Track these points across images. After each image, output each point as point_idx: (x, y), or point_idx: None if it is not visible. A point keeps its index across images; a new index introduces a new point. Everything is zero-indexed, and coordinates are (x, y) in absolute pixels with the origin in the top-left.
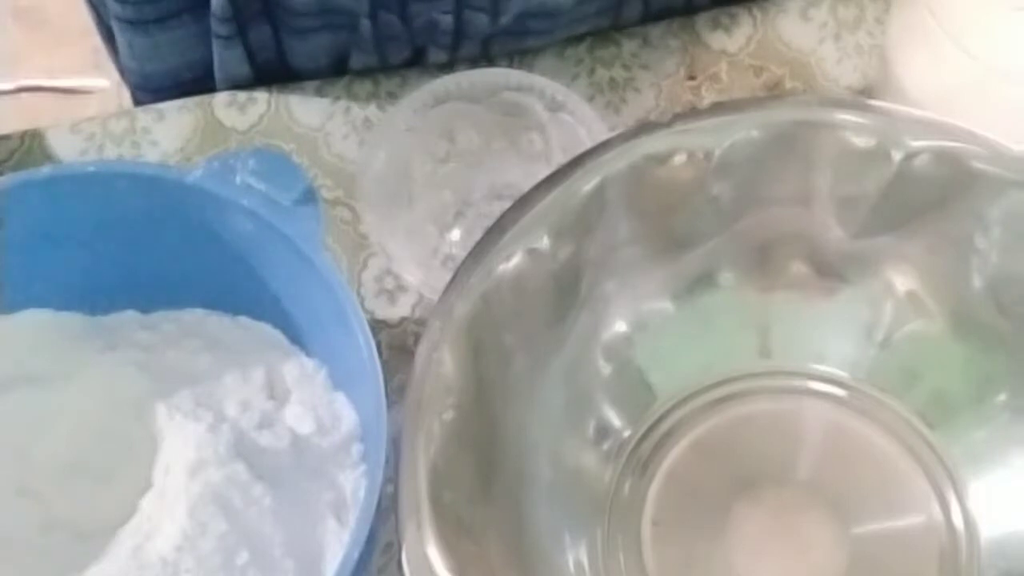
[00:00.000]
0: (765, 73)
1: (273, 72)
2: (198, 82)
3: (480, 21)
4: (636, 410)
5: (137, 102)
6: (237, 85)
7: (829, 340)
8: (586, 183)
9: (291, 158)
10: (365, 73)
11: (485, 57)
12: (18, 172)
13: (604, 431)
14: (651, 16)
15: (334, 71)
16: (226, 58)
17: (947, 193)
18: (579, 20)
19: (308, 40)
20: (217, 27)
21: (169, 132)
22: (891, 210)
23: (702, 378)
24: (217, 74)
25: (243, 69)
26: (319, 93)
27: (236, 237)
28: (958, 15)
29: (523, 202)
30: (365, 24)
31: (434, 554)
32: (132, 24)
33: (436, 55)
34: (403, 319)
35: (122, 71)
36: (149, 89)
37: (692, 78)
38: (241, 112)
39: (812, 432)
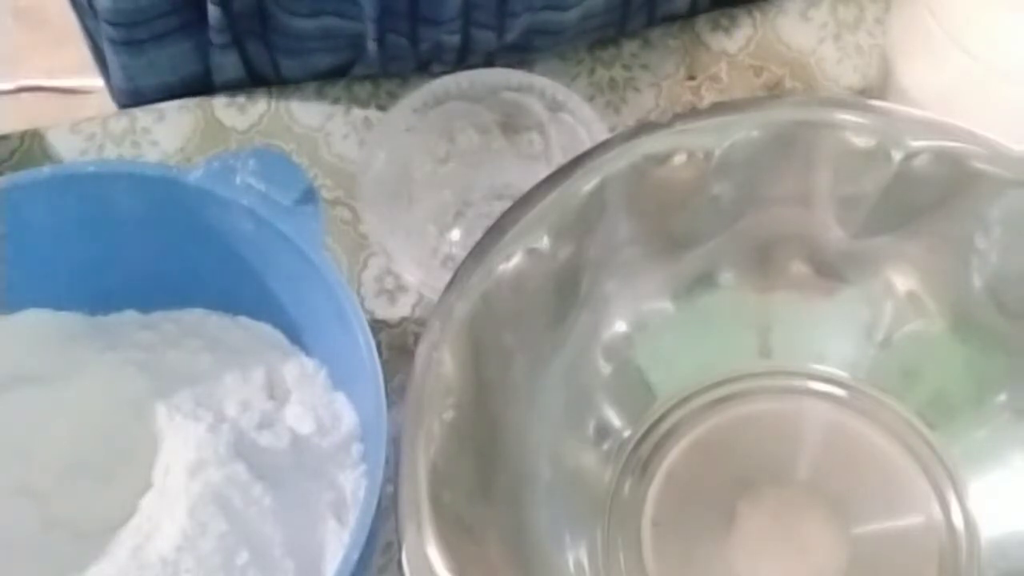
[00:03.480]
0: (765, 73)
1: (271, 81)
2: (191, 94)
3: (486, 38)
4: (636, 410)
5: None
6: (233, 88)
7: (829, 340)
8: (586, 183)
9: (291, 158)
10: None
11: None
12: (18, 172)
13: (604, 431)
14: (654, 26)
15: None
16: (223, 64)
17: (947, 193)
18: (584, 33)
19: (306, 60)
20: (213, 36)
21: (169, 132)
22: (891, 210)
23: (702, 378)
24: (215, 77)
25: (239, 74)
26: (319, 93)
27: (236, 237)
28: (958, 15)
29: (523, 202)
30: (372, 46)
31: (434, 554)
32: (126, 45)
33: (440, 68)
34: (403, 319)
35: (112, 90)
36: (143, 104)
37: (692, 78)
38: (241, 112)
39: (812, 432)
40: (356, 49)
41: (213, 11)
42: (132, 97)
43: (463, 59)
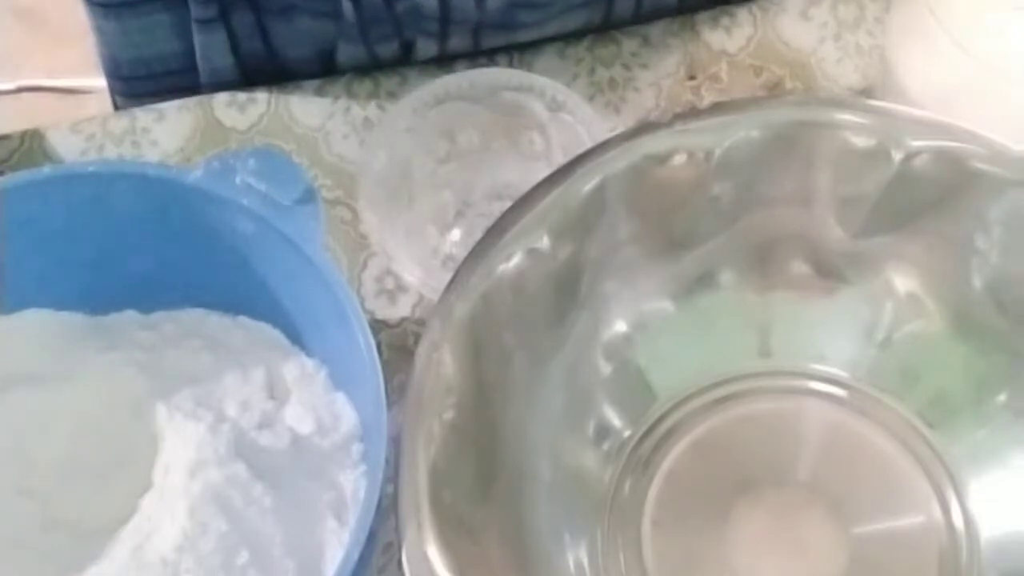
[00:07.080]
0: (765, 73)
1: (258, 63)
2: (172, 77)
3: (466, 6)
4: (636, 410)
5: (113, 93)
6: (221, 78)
7: (829, 340)
8: (586, 183)
9: (291, 158)
10: (365, 73)
11: (478, 52)
12: (18, 172)
13: (604, 431)
14: (644, 13)
15: (322, 65)
16: (208, 45)
17: (947, 193)
18: (569, 11)
19: (292, 22)
20: (198, 11)
21: (169, 132)
22: (891, 210)
23: (702, 378)
24: (200, 64)
25: (227, 59)
26: (319, 93)
27: (236, 237)
28: (958, 15)
29: (523, 202)
30: (348, 7)
31: (434, 554)
32: (103, 7)
33: (426, 47)
34: (403, 319)
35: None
36: (121, 77)
37: (692, 78)
38: (241, 112)
39: (812, 432)
40: (337, 16)
41: None
42: (112, 66)
43: (446, 31)
